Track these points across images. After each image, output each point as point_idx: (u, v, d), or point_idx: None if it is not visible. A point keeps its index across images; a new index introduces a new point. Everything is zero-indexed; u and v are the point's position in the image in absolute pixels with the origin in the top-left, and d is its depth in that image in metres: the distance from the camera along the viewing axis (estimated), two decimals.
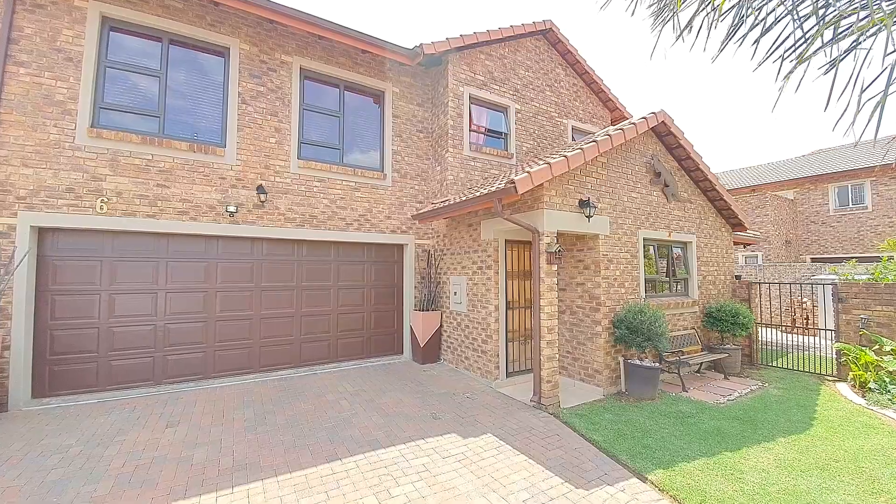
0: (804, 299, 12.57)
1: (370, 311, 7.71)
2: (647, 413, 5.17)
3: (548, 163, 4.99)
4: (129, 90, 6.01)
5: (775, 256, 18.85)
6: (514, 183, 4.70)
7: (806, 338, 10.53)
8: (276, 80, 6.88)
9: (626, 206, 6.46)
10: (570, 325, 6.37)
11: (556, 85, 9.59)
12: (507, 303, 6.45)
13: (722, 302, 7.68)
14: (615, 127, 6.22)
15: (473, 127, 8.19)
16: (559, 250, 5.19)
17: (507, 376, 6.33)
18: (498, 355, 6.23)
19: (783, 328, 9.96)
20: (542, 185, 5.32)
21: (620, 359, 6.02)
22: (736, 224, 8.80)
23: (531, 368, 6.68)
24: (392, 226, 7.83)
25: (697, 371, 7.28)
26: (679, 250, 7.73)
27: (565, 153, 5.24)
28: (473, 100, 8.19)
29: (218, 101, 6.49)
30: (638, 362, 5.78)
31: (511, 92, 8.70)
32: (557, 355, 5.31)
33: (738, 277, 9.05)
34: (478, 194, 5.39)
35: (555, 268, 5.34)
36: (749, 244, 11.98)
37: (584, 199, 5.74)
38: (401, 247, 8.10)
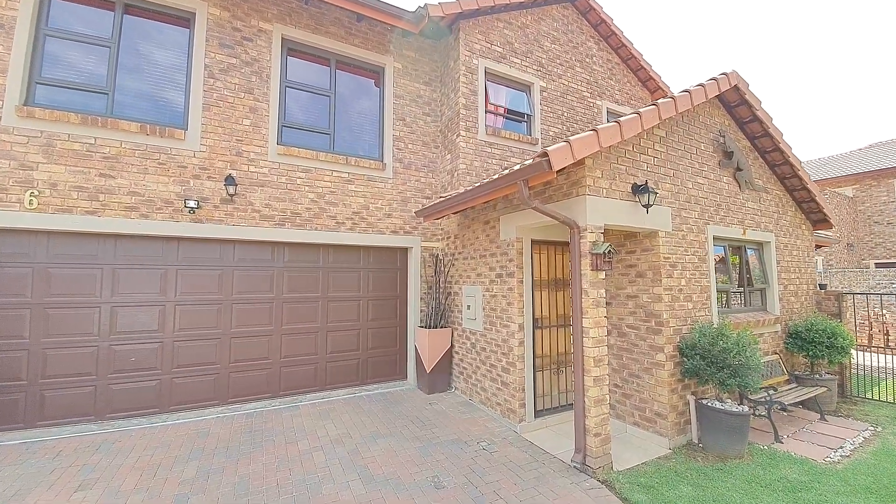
0: (882, 311, 10.66)
1: (367, 328, 6.40)
2: (739, 482, 3.62)
3: (594, 129, 3.58)
4: (74, 63, 4.98)
5: (837, 262, 16.59)
6: (546, 156, 3.31)
7: (887, 357, 8.59)
8: (253, 51, 5.74)
9: (691, 195, 4.95)
10: (619, 351, 4.87)
11: (587, 60, 8.16)
12: (535, 320, 5.01)
13: (811, 319, 6.00)
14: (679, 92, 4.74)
15: (490, 107, 6.85)
16: (610, 251, 3.74)
17: (535, 415, 4.87)
18: (524, 388, 4.79)
19: (859, 346, 8.16)
20: (583, 162, 3.91)
21: (690, 398, 4.48)
22: (818, 220, 7.10)
23: (568, 405, 5.19)
24: (393, 225, 6.54)
25: (782, 409, 5.61)
26: (754, 253, 6.11)
27: (617, 119, 3.82)
28: (490, 75, 6.87)
29: (180, 75, 5.40)
30: (718, 405, 4.22)
31: (535, 67, 7.33)
32: (608, 397, 3.83)
33: (822, 287, 7.31)
34: (495, 177, 4.01)
35: (603, 275, 3.90)
36: (821, 246, 10.15)
37: (640, 182, 4.29)
38: (404, 251, 6.79)
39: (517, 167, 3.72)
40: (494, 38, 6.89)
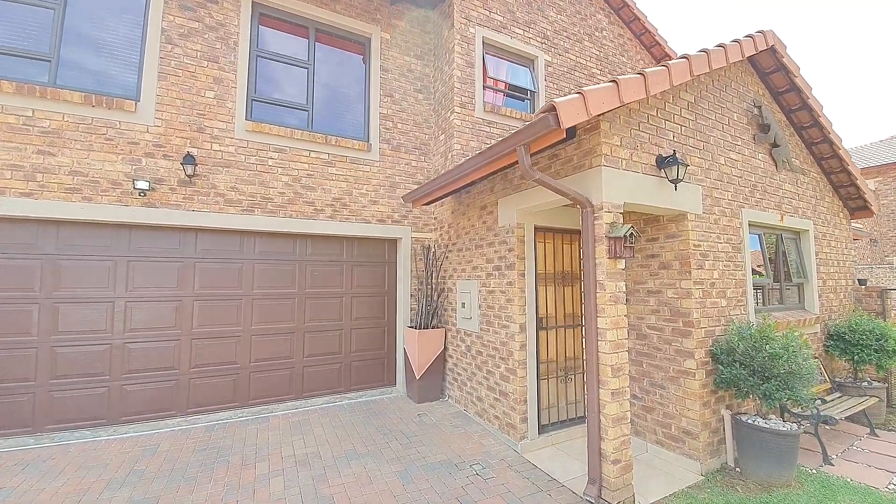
0: None
1: (350, 329, 5.71)
2: None
3: (613, 80, 2.86)
4: (12, 25, 4.33)
5: (860, 258, 15.67)
6: (553, 109, 2.60)
7: None
8: (218, 14, 5.07)
9: (724, 173, 4.20)
10: (638, 356, 4.14)
11: (596, 34, 7.41)
12: (539, 319, 4.29)
13: (854, 318, 5.24)
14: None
15: (489, 82, 6.13)
16: (632, 234, 3.01)
17: (540, 431, 4.16)
18: (525, 400, 4.08)
19: None
20: (598, 126, 3.19)
21: (726, 413, 3.74)
22: (857, 208, 6.31)
23: (578, 418, 4.47)
24: (380, 214, 5.84)
25: (824, 422, 4.85)
26: (791, 242, 5.34)
27: (641, 71, 3.09)
28: (489, 46, 6.15)
29: (134, 40, 4.73)
30: (761, 422, 3.48)
31: (539, 39, 6.60)
32: (630, 413, 3.11)
33: (861, 282, 6.52)
34: (491, 144, 3.29)
35: (622, 264, 3.17)
36: (855, 240, 9.35)
37: (666, 153, 3.57)
38: (393, 242, 6.09)
39: (516, 131, 3.00)
40: (493, 6, 6.17)
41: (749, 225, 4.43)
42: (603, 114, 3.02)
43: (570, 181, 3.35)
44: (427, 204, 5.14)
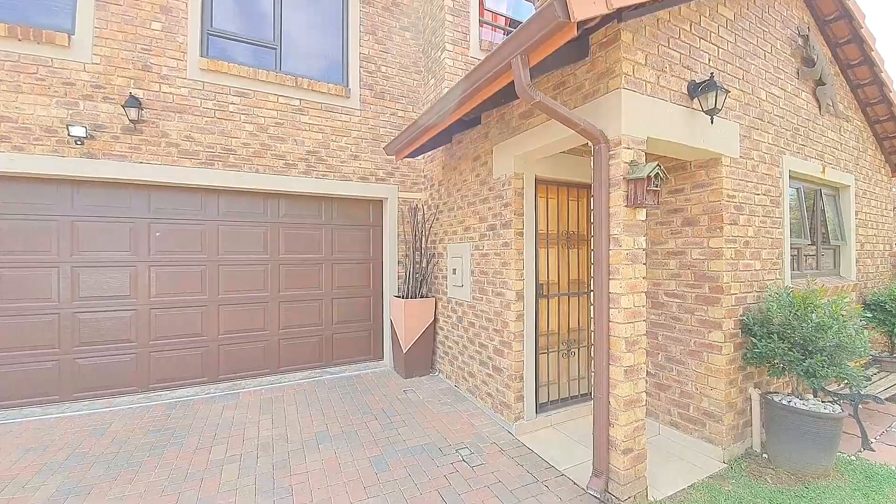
0: None
1: (331, 298, 5.19)
2: None
3: None
4: None
5: None
6: None
7: None
8: None
9: (765, 111, 3.50)
10: (653, 327, 3.59)
11: None
12: (539, 286, 3.72)
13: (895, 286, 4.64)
14: None
15: (486, 16, 5.31)
16: (657, 175, 2.38)
17: (538, 410, 3.68)
18: (521, 377, 3.57)
19: None
20: (618, 36, 2.49)
21: (754, 393, 3.21)
22: None
23: (581, 395, 3.98)
24: (362, 170, 5.18)
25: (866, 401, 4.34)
26: (830, 199, 4.68)
27: None
28: None
29: None
30: (798, 403, 2.95)
31: None
32: (645, 395, 2.58)
33: None
34: (481, 59, 2.60)
35: (643, 215, 2.55)
36: None
37: (701, 78, 2.87)
38: (378, 203, 5.47)
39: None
40: None
41: (789, 175, 3.76)
42: (626, 9, 2.31)
43: (580, 113, 2.68)
44: (412, 155, 4.48)
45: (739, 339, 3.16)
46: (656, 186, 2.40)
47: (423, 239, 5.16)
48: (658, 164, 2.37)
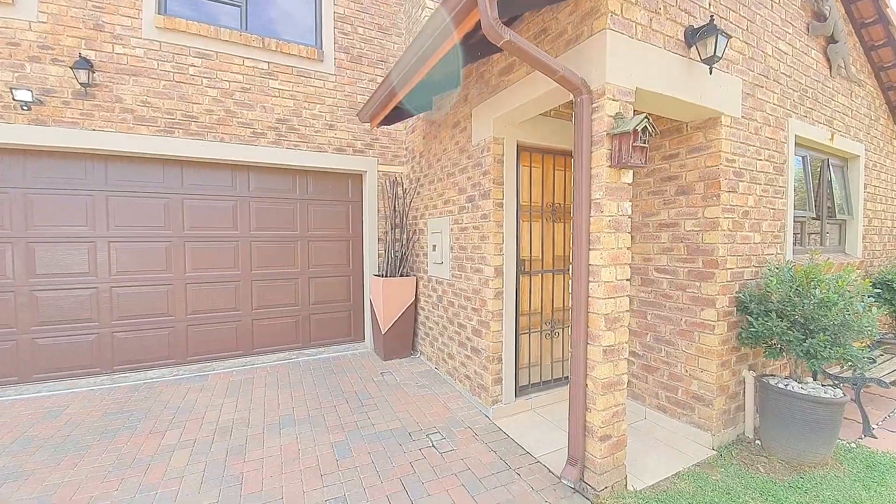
0: None
1: (309, 278, 4.94)
2: None
3: None
4: None
5: None
6: None
7: None
8: None
9: (770, 67, 3.15)
10: (641, 305, 3.34)
11: None
12: (521, 262, 3.46)
13: None
14: None
15: None
16: (645, 129, 2.07)
17: (517, 394, 3.46)
18: (500, 358, 3.34)
19: None
20: None
21: (748, 375, 2.98)
22: None
23: (565, 378, 3.76)
24: (338, 141, 4.86)
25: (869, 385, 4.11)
26: (838, 169, 4.36)
27: None
28: None
29: None
30: (796, 387, 2.72)
31: None
32: (626, 376, 2.34)
33: None
34: None
35: (629, 177, 2.26)
36: None
37: (700, 23, 2.53)
38: (358, 177, 5.16)
39: None
40: None
41: (795, 143, 3.44)
42: None
43: (562, 62, 2.35)
44: (387, 121, 4.14)
45: (734, 318, 2.91)
46: (644, 142, 2.10)
47: (404, 215, 4.87)
48: (647, 117, 2.06)
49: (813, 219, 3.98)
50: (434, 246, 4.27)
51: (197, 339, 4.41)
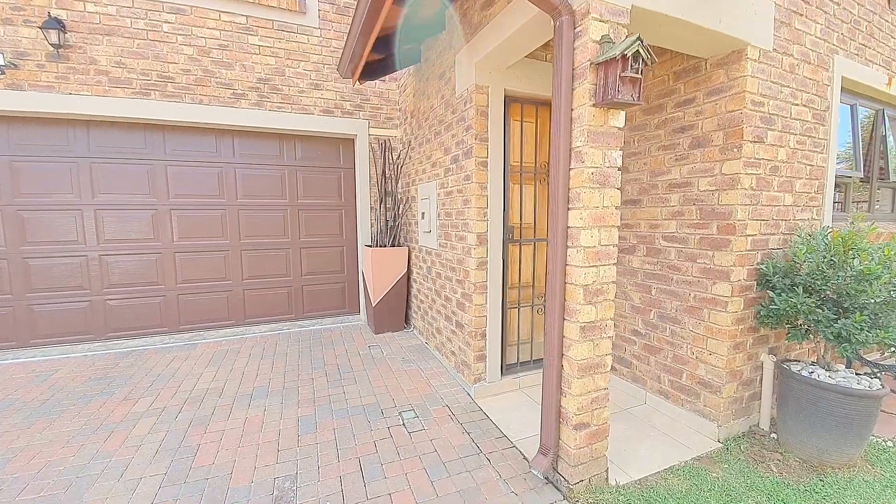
0: None
1: (300, 248, 4.79)
2: None
3: None
4: None
5: None
6: None
7: None
8: None
9: None
10: (645, 278, 2.94)
11: None
12: (509, 229, 3.11)
13: None
14: None
15: None
16: (638, 53, 1.65)
17: (503, 372, 3.20)
18: (483, 334, 3.07)
19: None
20: None
21: (767, 359, 2.57)
22: None
23: None
24: (325, 102, 4.56)
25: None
26: (894, 122, 3.67)
27: None
28: None
29: None
30: (824, 376, 2.30)
31: None
32: (610, 358, 2.02)
33: None
34: None
35: (619, 119, 1.86)
36: None
37: None
38: (349, 142, 4.88)
39: None
40: None
41: (841, 87, 2.84)
42: None
43: None
44: (370, 74, 3.79)
45: (753, 294, 2.48)
46: (636, 72, 1.69)
47: (395, 181, 4.58)
48: (639, 38, 1.64)
49: (861, 181, 3.38)
50: (423, 213, 3.97)
51: (188, 308, 4.39)
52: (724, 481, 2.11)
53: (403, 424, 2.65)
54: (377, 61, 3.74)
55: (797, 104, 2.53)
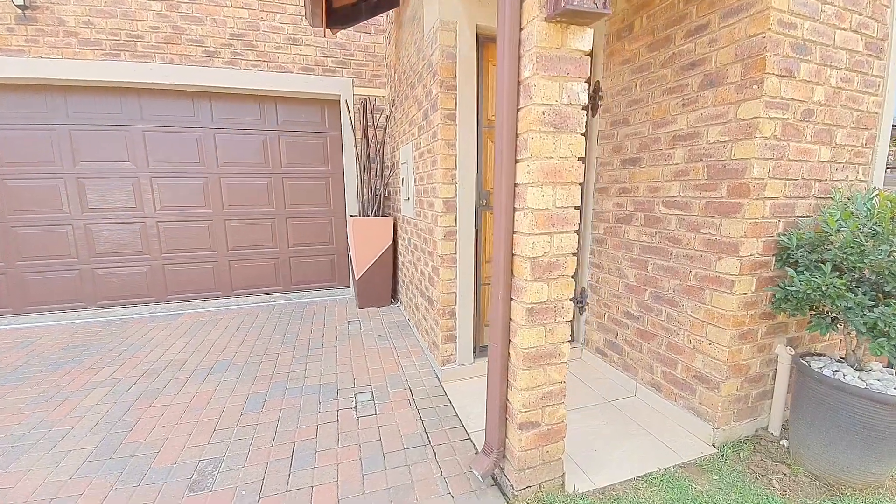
0: None
1: (285, 218, 4.61)
2: None
3: None
4: None
5: None
6: None
7: None
8: None
9: None
10: (641, 252, 2.50)
11: None
12: (483, 195, 2.72)
13: None
14: None
15: None
16: None
17: (477, 355, 2.90)
18: (453, 312, 2.76)
19: None
20: None
21: (783, 352, 2.11)
22: None
23: None
24: (304, 59, 4.22)
25: None
26: None
27: None
28: None
29: None
30: (850, 375, 1.83)
31: None
32: (567, 347, 1.66)
33: None
34: None
35: (580, 41, 1.41)
36: None
37: None
38: (334, 104, 4.54)
39: None
40: None
41: None
42: None
43: None
44: (343, 18, 3.38)
45: (770, 273, 2.00)
46: None
47: (381, 144, 4.23)
48: None
49: None
50: (402, 179, 3.63)
51: (175, 278, 4.36)
52: (707, 497, 1.75)
53: (355, 408, 2.44)
54: (350, 4, 3.33)
55: (844, 28, 1.93)
